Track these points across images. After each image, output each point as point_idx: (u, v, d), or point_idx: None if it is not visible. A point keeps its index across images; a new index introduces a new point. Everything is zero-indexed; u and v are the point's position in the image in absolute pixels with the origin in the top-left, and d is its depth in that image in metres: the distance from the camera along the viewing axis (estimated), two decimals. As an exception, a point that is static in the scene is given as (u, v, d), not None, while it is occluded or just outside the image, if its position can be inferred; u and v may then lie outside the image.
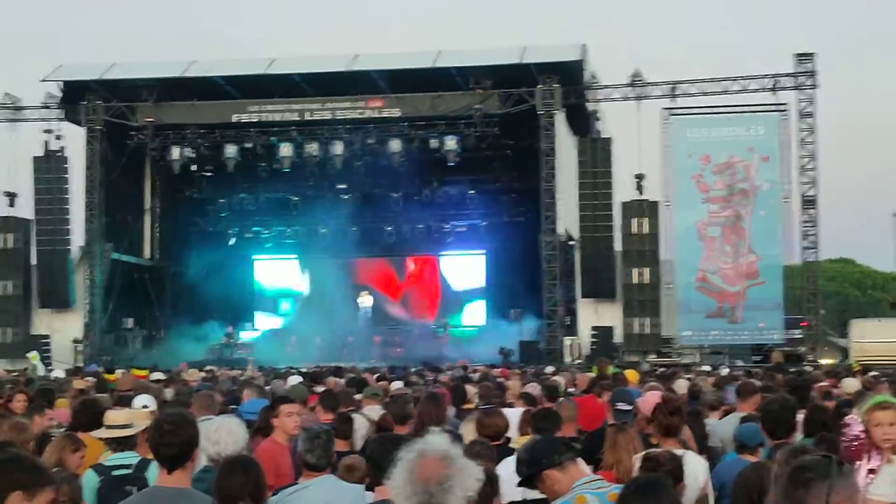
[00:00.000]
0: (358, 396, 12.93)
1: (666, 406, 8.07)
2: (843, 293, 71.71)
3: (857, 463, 6.40)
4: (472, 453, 7.32)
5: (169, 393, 14.07)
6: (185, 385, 16.92)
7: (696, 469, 7.35)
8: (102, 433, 8.12)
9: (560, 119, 40.46)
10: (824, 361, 38.56)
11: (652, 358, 37.64)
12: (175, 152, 42.70)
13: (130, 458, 7.93)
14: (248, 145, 42.68)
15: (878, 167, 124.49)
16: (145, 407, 10.02)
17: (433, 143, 41.35)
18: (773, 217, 40.38)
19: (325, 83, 41.70)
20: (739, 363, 36.20)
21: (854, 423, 6.62)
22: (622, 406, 10.02)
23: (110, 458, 7.87)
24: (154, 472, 7.82)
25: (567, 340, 39.74)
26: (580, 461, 6.07)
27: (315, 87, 42.21)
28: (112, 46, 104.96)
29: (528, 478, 5.83)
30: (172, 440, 6.07)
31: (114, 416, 8.28)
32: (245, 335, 48.34)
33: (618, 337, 39.64)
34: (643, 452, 7.10)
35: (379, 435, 7.61)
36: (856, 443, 6.57)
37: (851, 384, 15.16)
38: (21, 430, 8.32)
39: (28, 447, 8.09)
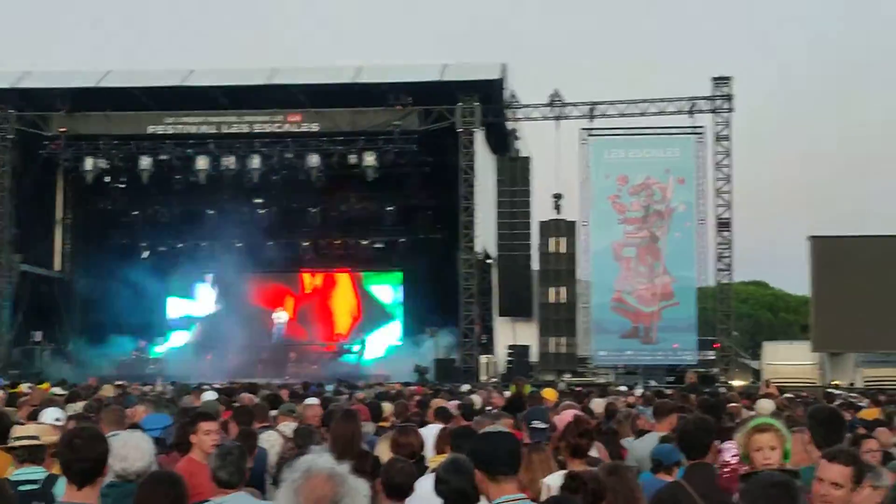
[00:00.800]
0: (273, 413, 12.74)
1: (576, 427, 8.05)
2: (755, 315, 72.71)
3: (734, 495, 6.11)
4: (395, 469, 7.21)
5: (74, 407, 13.72)
6: (97, 400, 16.56)
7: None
8: (10, 443, 7.89)
9: (479, 137, 40.55)
10: (736, 383, 38.96)
11: (567, 377, 37.74)
12: (88, 163, 42.05)
13: (37, 473, 7.72)
14: (164, 157, 42.14)
15: (793, 191, 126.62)
16: (57, 420, 9.79)
17: (352, 158, 41.16)
18: (688, 239, 40.84)
19: (243, 96, 41.39)
20: (653, 383, 36.44)
21: (726, 450, 6.49)
22: (537, 424, 9.98)
23: (16, 473, 7.65)
24: (61, 488, 7.60)
25: (483, 359, 39.75)
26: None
27: (233, 101, 41.85)
28: (26, 55, 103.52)
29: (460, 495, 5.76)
30: (85, 455, 5.93)
31: (21, 430, 8.05)
32: (157, 350, 47.68)
33: (533, 356, 39.74)
34: (566, 471, 7.01)
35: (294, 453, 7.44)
36: (727, 470, 6.60)
37: (766, 406, 15.23)
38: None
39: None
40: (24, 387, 21.44)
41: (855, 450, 6.29)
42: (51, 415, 10.06)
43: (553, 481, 7.07)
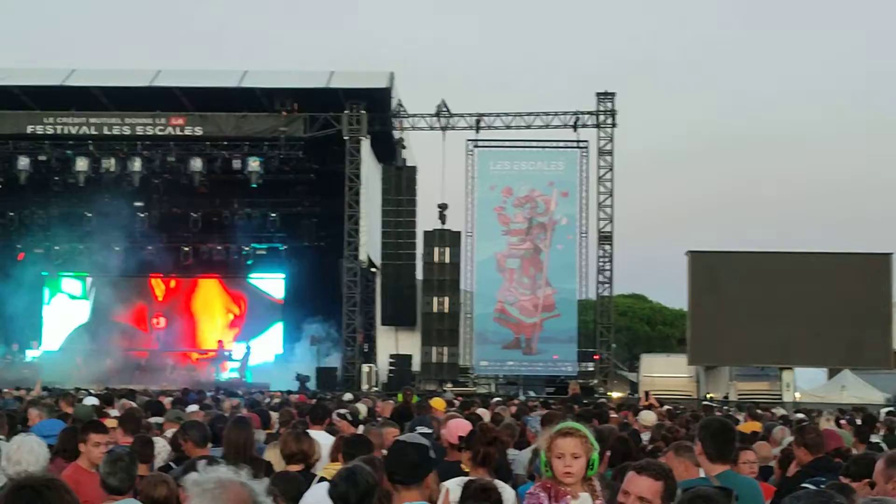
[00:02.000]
0: (157, 420, 12.54)
1: (484, 436, 8.05)
2: (633, 328, 73.76)
3: None
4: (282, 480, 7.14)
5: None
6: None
7: (508, 498, 7.31)
8: None
9: (365, 145, 40.51)
10: (614, 394, 39.51)
11: (448, 387, 37.84)
12: (-36, 162, 41.02)
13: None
14: (43, 158, 41.25)
15: (672, 206, 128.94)
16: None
17: (236, 163, 40.75)
18: (570, 251, 41.33)
19: (125, 98, 40.74)
20: (532, 394, 36.78)
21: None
22: (423, 429, 10.04)
23: None
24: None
25: (365, 367, 39.68)
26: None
27: (115, 102, 41.17)
28: None
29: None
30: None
31: None
32: (31, 353, 46.63)
33: (416, 365, 39.76)
34: (466, 479, 6.99)
35: (192, 459, 7.32)
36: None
37: (648, 417, 15.46)
38: None
39: None
40: None
41: (666, 465, 5.76)
42: None
43: (452, 485, 7.05)
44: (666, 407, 21.49)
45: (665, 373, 41.65)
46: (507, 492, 7.14)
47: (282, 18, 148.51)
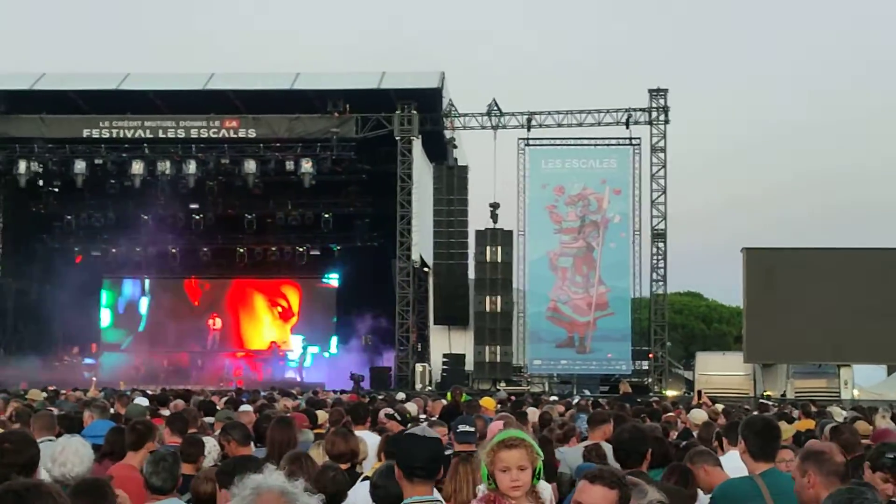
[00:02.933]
0: (210, 420, 12.65)
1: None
2: (689, 326, 73.29)
3: None
4: (326, 478, 7.18)
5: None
6: (28, 405, 16.37)
7: (545, 496, 7.31)
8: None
9: (417, 145, 40.57)
10: (669, 393, 39.29)
11: (502, 386, 37.80)
12: (22, 166, 41.51)
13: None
14: (99, 161, 41.71)
15: (728, 203, 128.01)
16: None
17: (289, 165, 40.98)
18: (623, 249, 41.13)
19: (179, 101, 41.07)
20: (587, 393, 36.66)
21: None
22: (464, 427, 10.00)
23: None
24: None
25: (418, 367, 39.72)
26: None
27: (169, 105, 41.53)
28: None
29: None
30: (14, 460, 5.86)
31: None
32: (89, 355, 47.13)
33: (469, 364, 39.75)
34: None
35: (235, 457, 7.39)
36: None
37: (699, 416, 15.38)
38: None
39: None
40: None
41: (621, 472, 5.45)
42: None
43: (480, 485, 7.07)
44: (720, 405, 21.34)
45: (721, 371, 41.28)
46: (543, 490, 7.15)
47: (333, 19, 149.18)
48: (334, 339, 48.90)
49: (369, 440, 9.75)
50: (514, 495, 5.19)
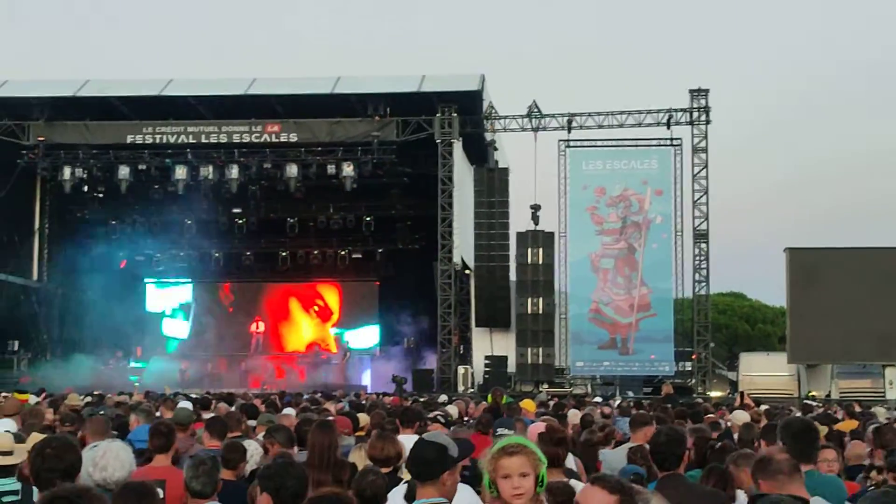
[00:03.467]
0: (252, 423, 12.72)
1: (549, 436, 8.06)
2: (732, 327, 72.86)
3: None
4: (366, 481, 7.22)
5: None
6: (73, 410, 16.51)
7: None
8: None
9: (458, 148, 40.61)
10: (713, 394, 39.10)
11: (544, 388, 37.74)
12: (66, 172, 41.90)
13: (13, 484, 7.70)
14: (142, 167, 42.02)
15: (771, 203, 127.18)
16: (7, 431, 9.73)
17: (330, 169, 41.14)
18: (665, 250, 40.96)
19: (221, 106, 41.38)
20: (630, 394, 36.54)
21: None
22: (502, 430, 10.08)
23: (-6, 486, 7.63)
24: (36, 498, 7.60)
25: (461, 369, 39.73)
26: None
27: (211, 110, 41.82)
28: (3, 63, 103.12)
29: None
30: (56, 465, 5.94)
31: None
32: (134, 359, 47.49)
33: (511, 366, 39.69)
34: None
35: (275, 461, 7.42)
36: None
37: (741, 417, 15.29)
38: None
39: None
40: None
41: (623, 478, 5.39)
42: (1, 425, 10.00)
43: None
44: (764, 406, 21.21)
45: (765, 371, 41.04)
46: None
47: (372, 23, 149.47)
48: (376, 342, 49.03)
49: (408, 443, 9.77)
50: (516, 503, 5.13)
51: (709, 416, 16.78)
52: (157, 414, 14.71)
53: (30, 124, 41.70)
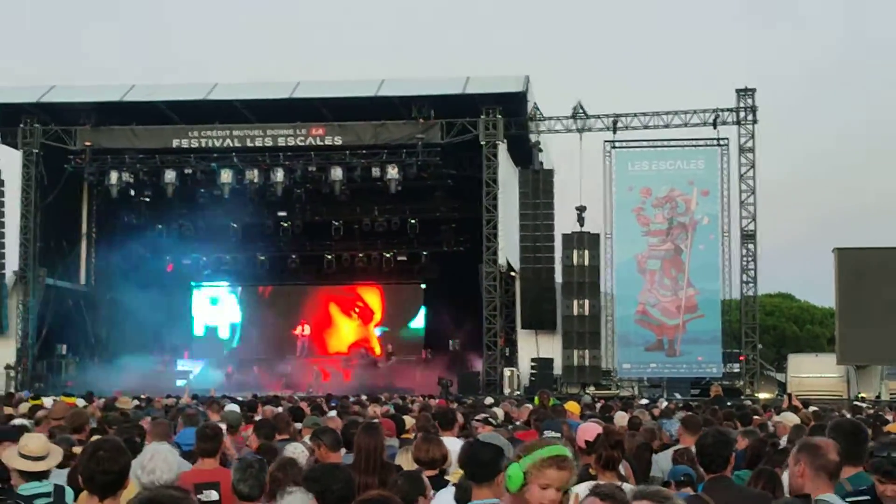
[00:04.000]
0: (298, 425, 12.73)
1: (607, 439, 8.00)
2: (780, 328, 72.32)
3: None
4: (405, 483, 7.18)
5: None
6: (122, 413, 16.60)
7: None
8: (18, 464, 7.90)
9: (502, 149, 40.56)
10: (762, 395, 38.78)
11: (591, 390, 37.56)
12: (113, 177, 42.25)
13: (46, 486, 7.75)
14: (188, 171, 42.31)
15: (819, 203, 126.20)
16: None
17: (375, 171, 41.19)
18: (713, 251, 40.67)
19: (266, 110, 41.51)
20: (678, 396, 36.31)
21: None
22: (550, 433, 10.03)
23: (26, 487, 7.67)
24: (71, 499, 7.62)
25: (506, 372, 39.64)
26: None
27: (256, 114, 41.99)
28: (51, 69, 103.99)
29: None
30: (109, 468, 5.95)
31: (30, 444, 8.04)
32: (181, 363, 47.77)
33: (557, 368, 39.55)
34: (594, 483, 6.95)
35: (322, 464, 7.41)
36: None
37: (790, 418, 15.12)
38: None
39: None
40: (46, 400, 21.48)
41: (620, 490, 4.79)
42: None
43: (581, 489, 7.02)
44: (812, 408, 21.00)
45: (814, 373, 40.69)
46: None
47: (417, 24, 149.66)
48: (422, 344, 49.07)
49: (453, 446, 9.71)
50: None
51: (756, 417, 16.64)
52: (205, 418, 14.75)
53: (77, 129, 42.09)
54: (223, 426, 10.23)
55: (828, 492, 6.21)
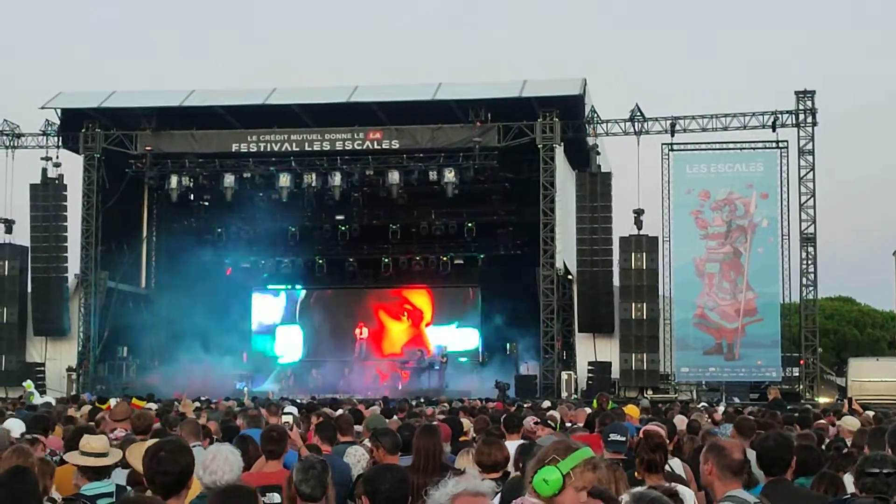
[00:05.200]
0: (358, 428, 12.79)
1: (647, 442, 8.01)
2: (841, 331, 71.57)
3: None
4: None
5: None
6: (180, 414, 16.77)
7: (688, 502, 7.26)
8: (81, 461, 8.03)
9: (559, 153, 40.49)
10: (821, 400, 38.42)
11: (649, 394, 37.39)
12: (173, 181, 42.66)
13: (108, 486, 7.86)
14: (247, 175, 42.65)
15: (880, 205, 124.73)
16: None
17: (432, 175, 41.30)
18: (772, 254, 40.34)
19: (324, 114, 41.71)
20: (736, 400, 36.05)
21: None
22: (615, 437, 10.02)
23: (89, 487, 7.78)
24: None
25: (564, 375, 39.53)
26: None
27: (314, 118, 42.21)
28: (111, 74, 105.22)
29: None
30: (170, 468, 6.02)
31: (91, 442, 8.17)
32: (240, 366, 48.02)
33: (615, 372, 39.38)
34: (640, 488, 6.98)
35: (377, 465, 7.46)
36: None
37: (851, 423, 14.97)
38: (25, 455, 8.13)
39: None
40: (112, 402, 21.73)
41: (608, 490, 5.03)
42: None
43: (625, 498, 7.03)
44: (870, 412, 20.77)
45: (875, 377, 40.23)
46: (686, 496, 7.10)
47: (472, 27, 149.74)
48: (479, 348, 49.04)
49: (513, 449, 9.72)
50: None
51: (819, 422, 16.51)
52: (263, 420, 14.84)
53: (137, 134, 42.56)
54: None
55: (736, 488, 6.54)
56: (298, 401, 24.88)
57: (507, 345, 45.75)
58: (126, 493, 7.98)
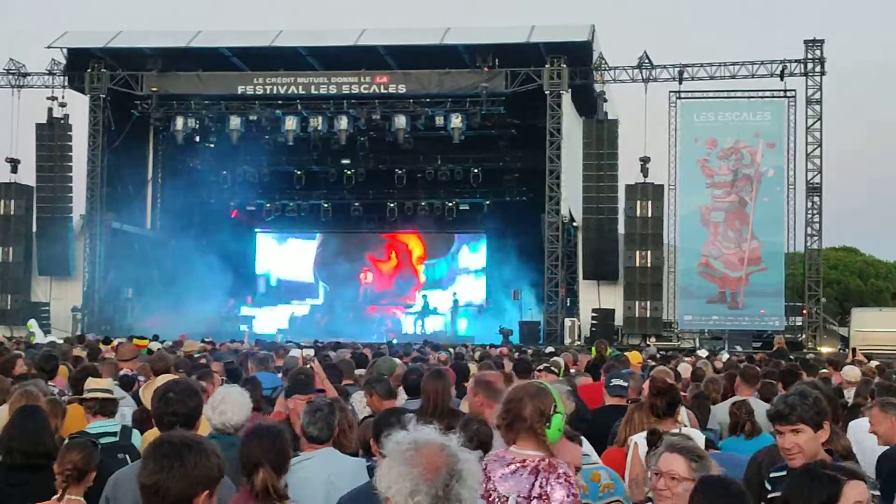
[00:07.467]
0: (360, 371, 12.83)
1: (652, 386, 8.06)
2: (844, 282, 71.52)
3: None
4: (471, 430, 7.24)
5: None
6: (189, 356, 16.85)
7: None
8: (85, 395, 8.08)
9: (566, 99, 40.30)
10: (824, 349, 38.49)
11: (652, 341, 37.48)
12: (179, 123, 42.59)
13: (112, 425, 7.91)
14: (253, 118, 42.55)
15: (884, 156, 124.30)
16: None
17: (438, 120, 41.19)
18: (778, 204, 40.27)
19: (331, 57, 41.54)
20: (739, 349, 36.13)
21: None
22: (617, 381, 10.12)
23: (92, 426, 7.83)
24: (137, 440, 7.79)
25: (567, 322, 39.61)
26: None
27: (321, 61, 42.04)
28: (118, 14, 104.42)
29: None
30: (178, 409, 6.05)
31: (95, 383, 8.22)
32: (245, 308, 48.19)
33: (618, 319, 39.47)
34: (650, 428, 7.08)
35: (387, 409, 7.48)
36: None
37: (852, 373, 15.00)
38: (33, 397, 8.14)
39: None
40: (116, 342, 21.85)
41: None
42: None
43: (640, 439, 7.16)
44: (874, 362, 20.83)
45: (878, 327, 40.21)
46: (696, 438, 7.14)
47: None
48: (483, 294, 49.15)
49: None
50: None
51: (822, 371, 16.57)
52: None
53: (143, 75, 42.41)
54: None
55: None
56: (302, 344, 24.95)
57: (511, 291, 45.79)
58: (131, 433, 8.04)
